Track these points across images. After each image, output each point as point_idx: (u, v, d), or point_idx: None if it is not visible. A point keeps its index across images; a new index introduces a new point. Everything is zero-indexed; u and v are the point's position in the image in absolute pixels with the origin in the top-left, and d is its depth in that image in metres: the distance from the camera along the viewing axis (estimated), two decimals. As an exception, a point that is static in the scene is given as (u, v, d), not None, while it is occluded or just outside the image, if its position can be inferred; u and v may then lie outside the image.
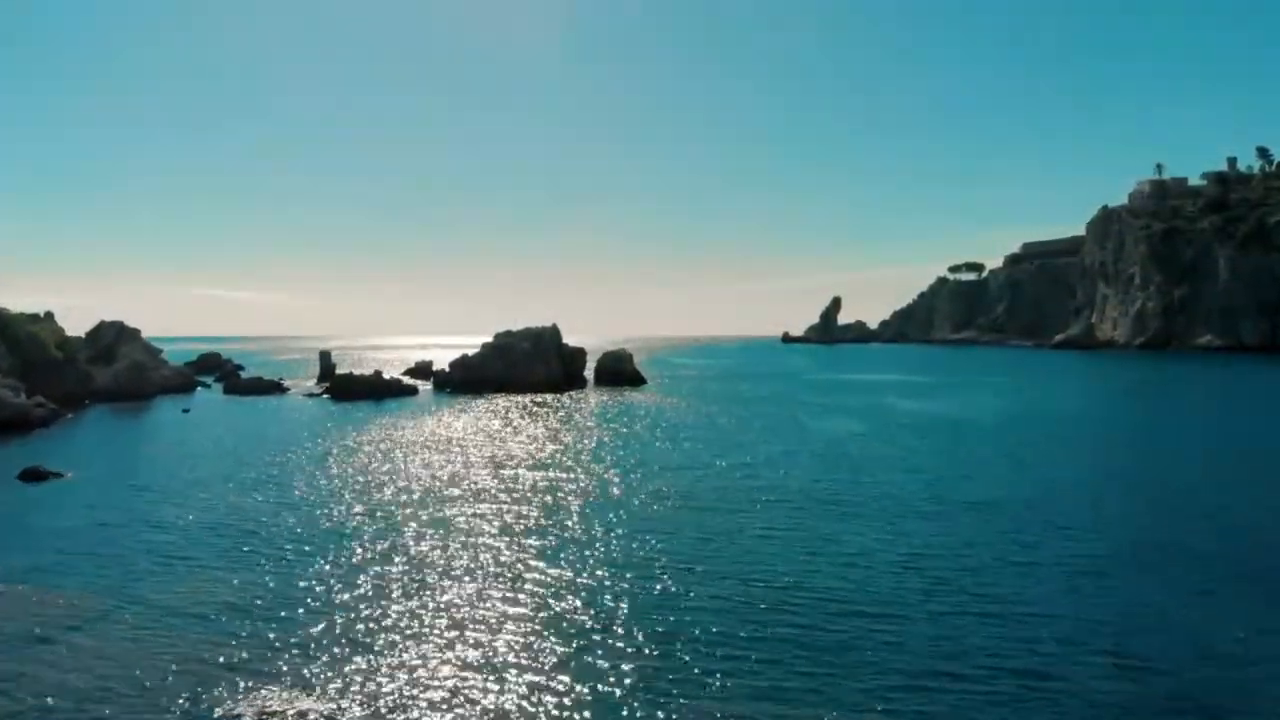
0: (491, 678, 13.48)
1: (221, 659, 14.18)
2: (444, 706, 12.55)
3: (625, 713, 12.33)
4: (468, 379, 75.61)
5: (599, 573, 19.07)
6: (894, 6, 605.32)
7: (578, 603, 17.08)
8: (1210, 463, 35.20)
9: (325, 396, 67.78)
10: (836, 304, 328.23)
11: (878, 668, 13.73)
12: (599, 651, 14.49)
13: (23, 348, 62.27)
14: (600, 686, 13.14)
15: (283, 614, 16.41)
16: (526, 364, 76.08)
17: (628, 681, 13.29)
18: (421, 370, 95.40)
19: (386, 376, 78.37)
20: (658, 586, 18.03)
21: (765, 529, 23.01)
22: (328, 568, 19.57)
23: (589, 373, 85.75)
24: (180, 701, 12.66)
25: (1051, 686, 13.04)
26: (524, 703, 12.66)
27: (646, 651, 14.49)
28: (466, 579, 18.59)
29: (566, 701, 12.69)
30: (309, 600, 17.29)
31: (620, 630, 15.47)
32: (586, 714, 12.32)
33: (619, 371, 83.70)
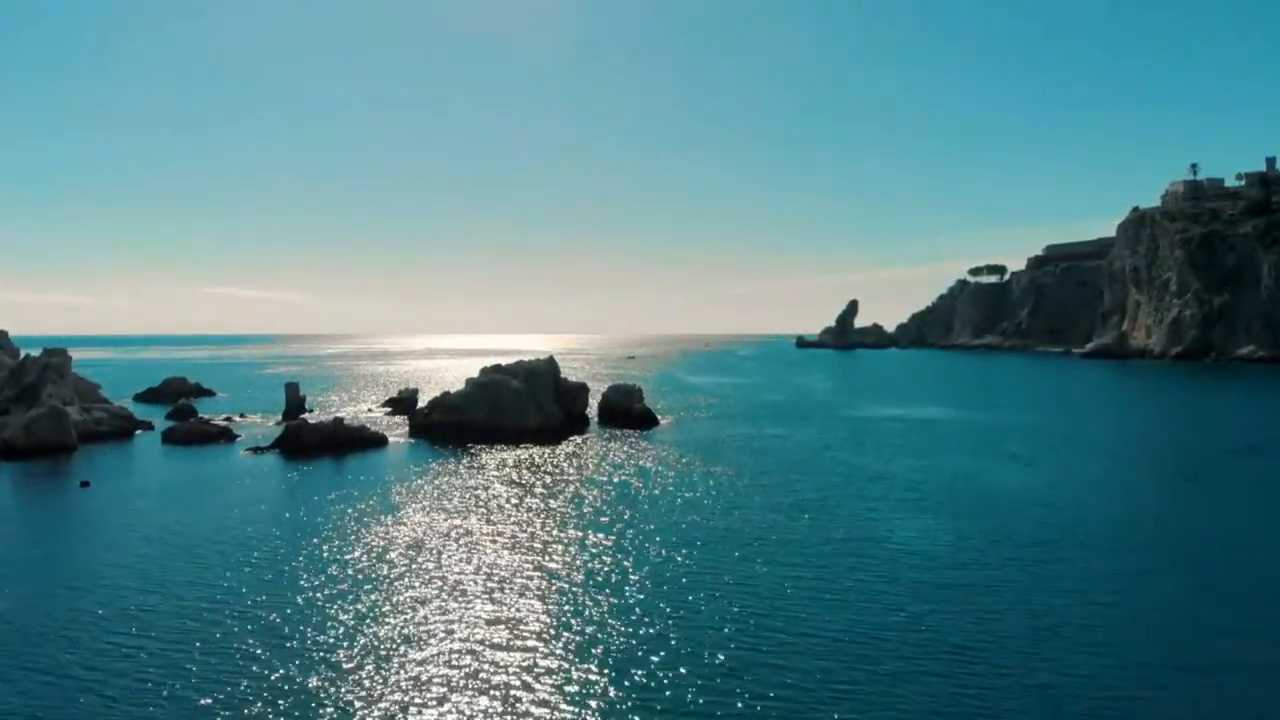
0: None
1: None
2: None
3: None
4: (448, 423, 64.26)
5: None
6: (915, 1, 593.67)
7: None
8: None
9: (275, 450, 56.66)
10: (853, 307, 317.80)
11: None
12: None
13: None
14: None
15: None
16: (518, 406, 64.74)
17: None
18: (405, 403, 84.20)
19: (352, 420, 67.30)
20: None
21: None
22: None
23: (592, 409, 74.56)
24: None
25: None
26: None
27: None
28: None
29: None
30: None
31: None
32: None
33: (627, 409, 72.33)
